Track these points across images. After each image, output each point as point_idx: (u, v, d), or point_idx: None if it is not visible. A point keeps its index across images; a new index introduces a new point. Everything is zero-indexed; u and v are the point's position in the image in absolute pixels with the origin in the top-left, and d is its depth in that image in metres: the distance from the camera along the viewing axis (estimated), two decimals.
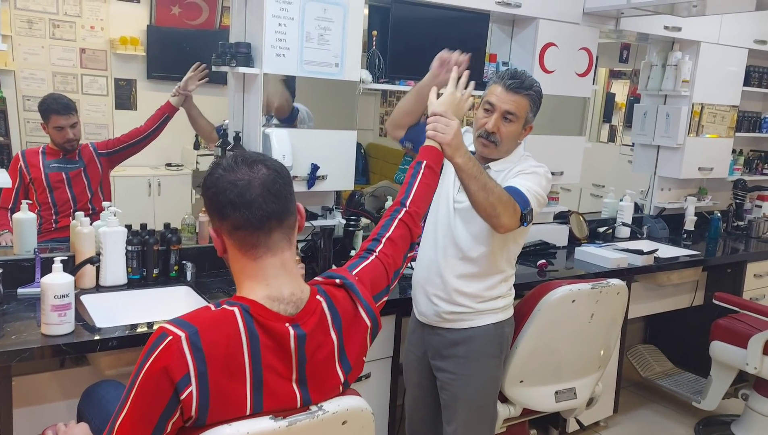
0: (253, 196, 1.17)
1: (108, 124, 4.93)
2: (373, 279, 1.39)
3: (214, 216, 1.22)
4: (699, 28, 3.60)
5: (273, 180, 1.19)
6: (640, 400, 3.58)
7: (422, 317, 2.10)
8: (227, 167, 1.19)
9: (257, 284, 1.20)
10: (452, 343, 2.04)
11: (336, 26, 2.47)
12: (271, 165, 1.21)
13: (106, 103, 4.95)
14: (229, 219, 1.18)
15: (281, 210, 1.20)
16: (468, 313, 2.01)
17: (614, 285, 2.19)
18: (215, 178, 1.19)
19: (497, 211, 1.76)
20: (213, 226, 1.23)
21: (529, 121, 1.99)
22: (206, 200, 1.21)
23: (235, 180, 1.17)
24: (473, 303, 2.01)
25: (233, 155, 1.22)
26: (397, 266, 1.47)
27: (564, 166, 3.26)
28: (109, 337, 1.84)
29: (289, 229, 1.23)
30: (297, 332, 1.18)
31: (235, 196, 1.17)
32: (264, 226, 1.18)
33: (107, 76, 4.92)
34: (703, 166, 3.90)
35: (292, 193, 1.24)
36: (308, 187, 2.52)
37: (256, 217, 1.17)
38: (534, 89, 1.96)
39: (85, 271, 2.21)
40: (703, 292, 3.64)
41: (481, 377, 2.05)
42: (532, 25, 3.05)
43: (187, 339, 1.08)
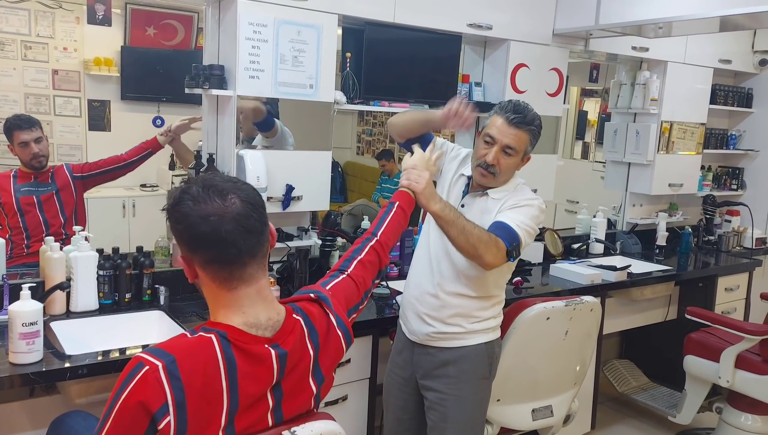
0: (226, 234, 1.12)
1: (81, 146, 4.89)
2: (345, 294, 1.41)
3: (184, 248, 1.18)
4: (666, 48, 3.69)
5: (247, 215, 1.14)
6: (617, 416, 3.60)
7: (413, 336, 2.08)
8: (197, 197, 1.13)
9: (233, 313, 1.18)
10: (443, 362, 2.02)
11: (310, 48, 2.49)
12: (244, 196, 1.15)
13: (80, 125, 4.91)
14: (201, 254, 1.15)
15: (255, 245, 1.17)
16: (460, 332, 2.01)
17: (588, 302, 2.21)
18: (184, 212, 1.13)
19: (479, 251, 1.80)
20: (183, 256, 1.20)
21: (527, 153, 2.02)
22: (175, 232, 1.17)
23: (207, 214, 1.11)
24: (466, 323, 2.00)
25: (203, 182, 1.16)
26: (366, 287, 1.49)
27: (537, 183, 3.28)
28: (80, 365, 1.81)
29: (263, 257, 1.21)
30: (278, 352, 1.18)
31: (207, 234, 1.12)
32: (237, 263, 1.15)
33: (81, 97, 4.88)
34: (673, 182, 3.98)
35: (266, 223, 1.20)
36: (283, 208, 2.51)
37: (229, 255, 1.14)
38: (535, 124, 1.99)
39: (55, 296, 2.17)
40: (676, 306, 3.69)
41: (471, 398, 2.03)
42: (503, 46, 3.10)
43: (164, 368, 1.07)
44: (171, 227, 1.18)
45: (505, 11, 3.01)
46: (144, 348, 1.15)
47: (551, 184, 3.38)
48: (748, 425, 3.05)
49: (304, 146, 2.56)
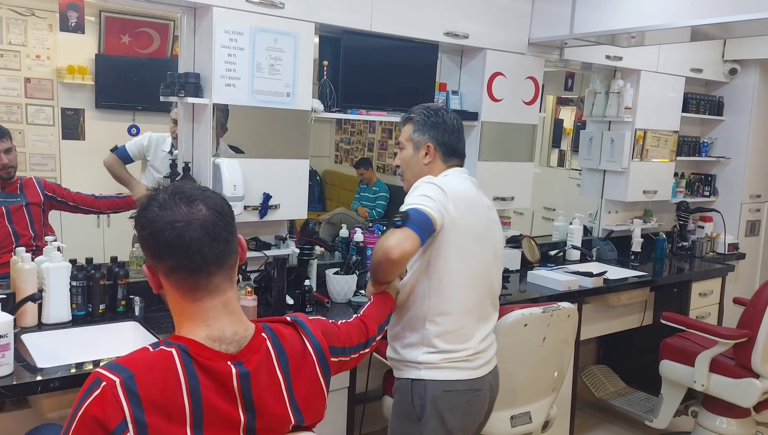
0: (191, 241, 1.10)
1: (55, 155, 4.79)
2: (327, 328, 1.38)
3: (148, 255, 1.16)
4: (639, 57, 3.75)
5: (213, 222, 1.13)
6: (595, 421, 3.63)
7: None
8: (163, 204, 1.12)
9: (197, 326, 1.15)
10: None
11: (287, 56, 2.49)
12: (211, 204, 1.14)
13: (53, 133, 4.81)
14: (165, 261, 1.14)
15: (221, 254, 1.15)
16: (395, 359, 1.94)
17: (565, 308, 2.23)
18: (151, 217, 1.12)
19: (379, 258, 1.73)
20: (147, 264, 1.18)
21: (419, 142, 1.96)
22: (140, 239, 1.15)
23: (173, 220, 1.11)
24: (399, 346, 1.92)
25: (171, 190, 1.15)
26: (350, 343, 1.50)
27: (515, 191, 3.33)
28: (51, 378, 1.77)
29: (230, 268, 1.18)
30: (239, 370, 1.14)
31: (171, 240, 1.10)
32: (203, 271, 1.13)
33: (54, 105, 4.78)
34: (648, 189, 4.04)
35: (233, 232, 1.19)
36: (261, 217, 2.50)
37: (194, 263, 1.12)
38: (415, 112, 2.00)
39: (26, 308, 2.12)
40: (651, 311, 3.74)
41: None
42: (480, 55, 3.12)
43: (122, 384, 1.04)
44: (137, 234, 1.16)
45: (482, 20, 3.04)
46: (96, 366, 1.11)
47: (528, 191, 3.41)
48: (723, 428, 3.09)
49: (281, 155, 2.55)
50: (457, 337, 1.85)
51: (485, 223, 1.92)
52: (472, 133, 3.17)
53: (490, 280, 1.93)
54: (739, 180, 4.48)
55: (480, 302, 1.89)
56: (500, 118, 3.21)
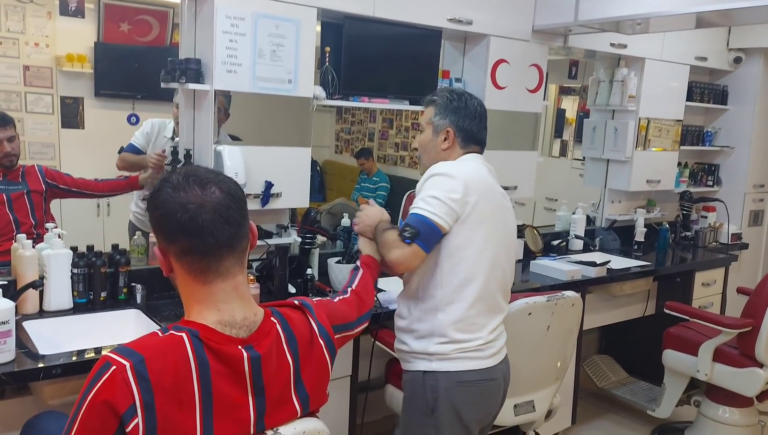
0: (204, 223, 1.10)
1: (54, 143, 4.78)
2: (331, 309, 1.38)
3: (160, 237, 1.16)
4: (643, 45, 3.71)
5: (227, 205, 1.13)
6: (597, 411, 3.62)
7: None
8: (177, 185, 1.12)
9: (207, 309, 1.14)
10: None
11: (289, 42, 2.46)
12: (225, 187, 1.15)
13: (52, 122, 4.79)
14: (177, 243, 1.13)
15: (233, 236, 1.14)
16: (405, 351, 1.91)
17: (569, 297, 2.21)
18: (164, 198, 1.12)
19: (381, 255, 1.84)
20: (159, 246, 1.17)
21: (439, 126, 1.93)
22: (153, 220, 1.15)
23: (186, 202, 1.11)
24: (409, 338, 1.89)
25: (185, 172, 1.15)
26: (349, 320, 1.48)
27: (518, 180, 3.30)
28: (53, 365, 1.76)
29: (241, 253, 1.18)
30: (251, 354, 1.14)
31: (185, 221, 1.10)
32: (215, 253, 1.13)
33: (53, 94, 4.77)
34: (651, 178, 4.01)
35: (246, 216, 1.18)
36: (262, 205, 2.48)
37: (206, 245, 1.12)
38: (438, 94, 1.98)
39: (27, 295, 2.11)
40: (654, 301, 3.73)
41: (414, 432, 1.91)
42: (483, 42, 3.09)
43: (132, 368, 1.03)
44: (150, 216, 1.15)
45: (486, 7, 3.01)
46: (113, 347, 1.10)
47: (531, 181, 3.38)
48: (725, 418, 3.08)
49: (283, 142, 2.52)
50: (469, 326, 1.82)
51: (499, 212, 1.89)
52: None
53: (503, 271, 1.89)
54: (742, 170, 4.46)
55: (492, 292, 1.86)
56: (504, 106, 3.18)
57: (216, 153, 2.36)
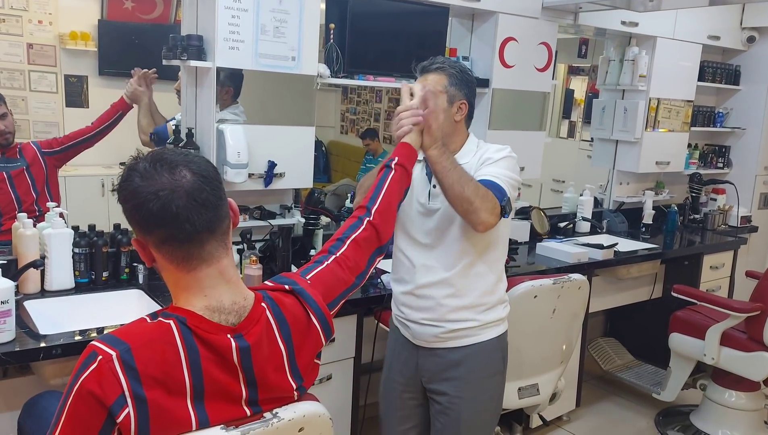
0: (178, 209, 1.05)
1: (58, 122, 4.75)
2: (328, 284, 1.30)
3: (135, 229, 1.11)
4: (655, 23, 3.64)
5: (199, 188, 1.07)
6: (602, 393, 3.61)
7: (417, 340, 1.91)
8: (145, 173, 1.06)
9: (194, 296, 1.11)
10: (452, 363, 1.86)
11: (292, 18, 2.41)
12: (196, 168, 1.08)
13: (56, 101, 4.76)
14: (154, 233, 1.08)
15: (212, 220, 1.09)
16: (472, 327, 1.84)
17: (576, 280, 2.18)
18: (133, 188, 1.06)
19: (474, 205, 1.64)
20: (136, 238, 1.12)
21: (454, 95, 1.81)
22: (125, 212, 1.10)
23: (156, 190, 1.05)
24: (476, 314, 1.84)
25: (151, 157, 1.09)
26: (360, 269, 1.37)
27: (524, 161, 3.24)
28: (54, 345, 1.74)
29: (223, 234, 1.13)
30: (240, 344, 1.10)
31: (157, 210, 1.05)
32: (194, 240, 1.08)
33: (57, 72, 4.73)
34: (660, 160, 3.96)
35: (222, 196, 1.13)
36: (265, 185, 2.45)
37: (184, 232, 1.07)
38: (447, 64, 1.84)
39: (28, 275, 2.10)
40: (661, 284, 3.69)
41: (484, 397, 1.90)
42: (491, 19, 3.03)
43: (119, 357, 1.00)
44: (122, 208, 1.10)
45: None
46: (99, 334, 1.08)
47: (538, 161, 3.34)
48: (732, 402, 3.06)
49: (286, 121, 2.48)
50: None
51: None
52: (482, 100, 3.09)
53: None
54: (753, 151, 4.38)
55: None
56: (512, 85, 3.13)
57: (218, 131, 2.33)
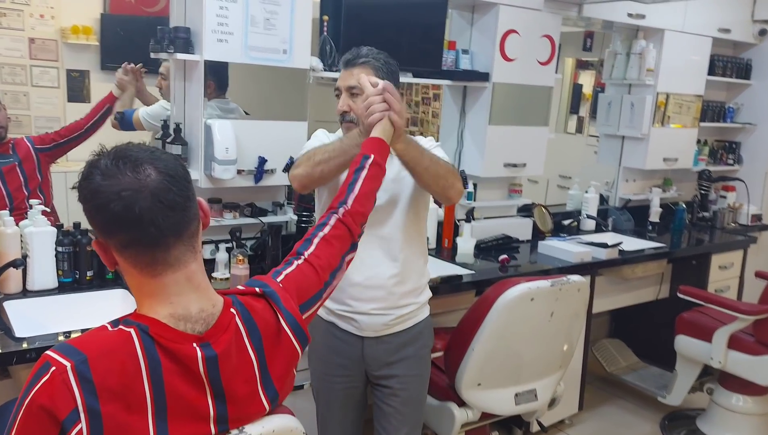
0: (142, 211, 0.98)
1: (59, 117, 4.71)
2: (301, 286, 1.22)
3: (96, 230, 1.04)
4: (663, 15, 3.53)
5: (165, 188, 1.00)
6: (605, 396, 3.52)
7: (362, 332, 1.88)
8: (107, 171, 0.99)
9: (159, 303, 1.03)
10: (401, 345, 1.89)
11: (284, 10, 2.33)
12: (162, 166, 1.01)
13: (58, 96, 4.73)
14: (116, 237, 1.01)
15: (179, 223, 1.02)
16: (414, 310, 1.90)
17: (575, 282, 2.09)
18: (94, 188, 0.99)
19: (449, 180, 1.76)
20: (97, 240, 1.05)
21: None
22: (85, 213, 1.03)
23: (119, 190, 0.97)
24: (415, 298, 1.90)
25: (114, 154, 1.01)
26: (332, 268, 1.30)
27: (527, 157, 3.17)
28: (28, 348, 1.69)
29: (191, 238, 1.06)
30: (206, 353, 1.03)
31: (119, 212, 0.97)
32: (160, 244, 1.01)
33: (58, 67, 4.70)
34: (668, 156, 3.85)
35: (191, 197, 1.06)
36: (256, 182, 2.38)
37: (148, 236, 1.00)
38: (372, 56, 1.84)
39: (9, 274, 2.04)
40: (668, 284, 3.59)
41: (427, 373, 1.99)
42: (492, 11, 2.94)
43: (74, 369, 0.93)
44: (82, 208, 1.02)
45: None
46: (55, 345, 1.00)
47: (541, 158, 3.24)
48: (739, 406, 2.97)
49: (277, 116, 2.41)
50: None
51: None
52: (482, 94, 3.01)
53: None
54: (765, 148, 4.26)
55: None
56: (513, 79, 3.03)
57: (206, 127, 2.26)
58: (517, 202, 3.32)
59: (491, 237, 3.06)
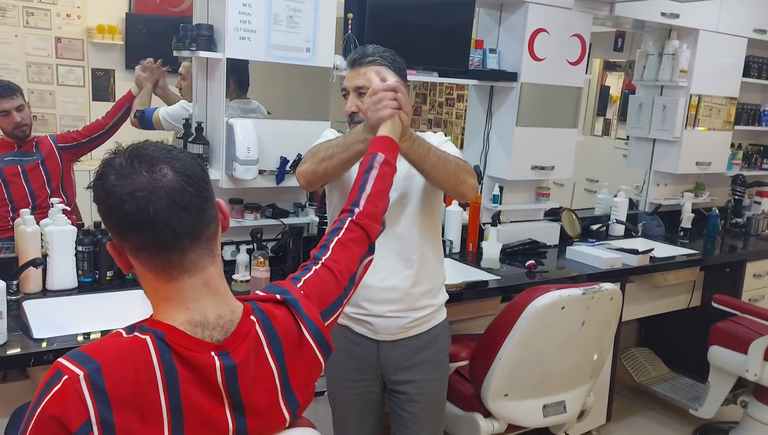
0: (156, 213, 0.93)
1: (84, 117, 4.74)
2: (321, 292, 1.17)
3: (111, 232, 1.00)
4: (697, 15, 3.42)
5: (182, 189, 0.95)
6: (634, 407, 3.41)
7: (378, 335, 1.83)
8: (121, 171, 0.95)
9: (174, 308, 0.99)
10: (418, 348, 1.84)
11: (307, 7, 2.29)
12: (179, 166, 0.96)
13: (83, 95, 4.77)
14: (130, 239, 0.97)
15: (195, 225, 0.97)
16: (431, 313, 1.85)
17: (607, 290, 2.01)
18: (108, 187, 0.95)
19: (460, 177, 1.70)
20: (111, 242, 1.01)
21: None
22: (99, 213, 0.98)
23: (133, 190, 0.93)
24: (432, 299, 1.85)
25: (130, 152, 0.97)
26: (351, 271, 1.25)
27: (555, 160, 3.08)
28: (46, 350, 1.66)
29: (209, 241, 1.01)
30: (225, 362, 0.98)
31: (133, 213, 0.93)
32: (176, 247, 0.96)
33: (84, 66, 4.74)
34: (701, 160, 3.73)
35: (209, 198, 1.01)
36: (277, 183, 2.34)
37: (163, 239, 0.95)
38: (378, 55, 1.77)
39: (29, 274, 2.02)
40: (700, 292, 3.47)
41: (446, 376, 1.95)
42: (521, 9, 2.86)
43: (87, 378, 0.89)
44: (97, 209, 0.98)
45: None
46: (68, 351, 0.96)
47: (570, 160, 3.15)
48: None
49: (300, 116, 2.37)
50: None
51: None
52: (510, 95, 2.93)
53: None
54: None
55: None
56: (542, 80, 2.95)
57: (228, 126, 2.22)
58: (545, 205, 3.23)
59: (517, 241, 2.98)
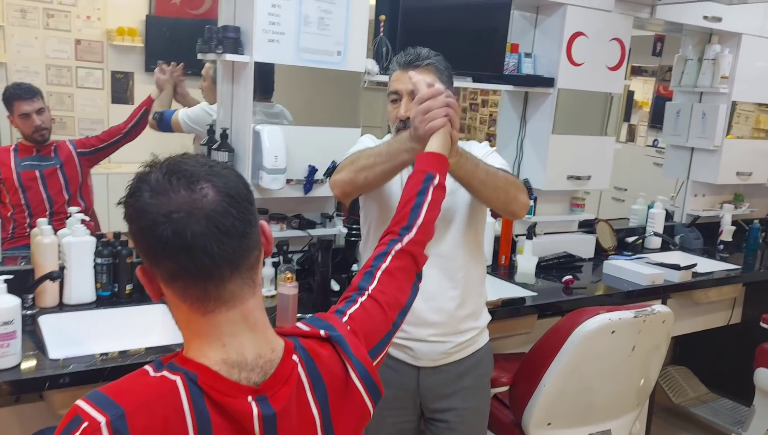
0: (194, 237, 0.82)
1: (103, 120, 4.69)
2: (368, 328, 1.04)
3: (142, 255, 0.88)
4: (741, 19, 3.27)
5: (223, 211, 0.84)
6: (672, 430, 3.25)
7: (418, 362, 1.73)
8: (157, 187, 0.84)
9: (208, 345, 0.87)
10: (458, 375, 1.74)
11: (338, 9, 2.18)
12: (221, 184, 0.85)
13: (102, 97, 4.72)
14: (163, 265, 0.85)
15: (236, 252, 0.86)
16: (474, 336, 1.75)
17: (660, 312, 1.87)
18: (141, 206, 0.84)
19: (510, 193, 1.60)
20: (142, 266, 0.90)
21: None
22: (130, 235, 0.88)
23: (169, 211, 0.82)
24: (475, 322, 1.76)
25: (167, 166, 0.86)
26: (401, 305, 1.12)
27: (591, 169, 2.94)
28: (61, 374, 1.55)
29: (250, 269, 0.89)
30: (263, 410, 0.86)
31: (168, 237, 0.82)
32: (214, 276, 0.85)
33: (103, 68, 4.70)
34: (742, 170, 3.57)
35: (252, 221, 0.89)
36: (305, 193, 2.23)
37: (200, 267, 0.84)
38: (433, 58, 1.68)
39: (45, 287, 1.92)
40: (740, 309, 3.31)
41: (487, 402, 1.84)
42: (558, 11, 2.73)
43: (109, 425, 0.78)
44: (128, 229, 0.87)
45: None
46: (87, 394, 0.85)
47: (607, 170, 3.02)
48: None
49: (329, 122, 2.26)
50: None
51: None
52: (546, 101, 2.80)
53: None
54: None
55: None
56: (580, 85, 2.82)
57: (255, 133, 2.11)
58: (579, 216, 3.09)
59: (552, 255, 2.84)
